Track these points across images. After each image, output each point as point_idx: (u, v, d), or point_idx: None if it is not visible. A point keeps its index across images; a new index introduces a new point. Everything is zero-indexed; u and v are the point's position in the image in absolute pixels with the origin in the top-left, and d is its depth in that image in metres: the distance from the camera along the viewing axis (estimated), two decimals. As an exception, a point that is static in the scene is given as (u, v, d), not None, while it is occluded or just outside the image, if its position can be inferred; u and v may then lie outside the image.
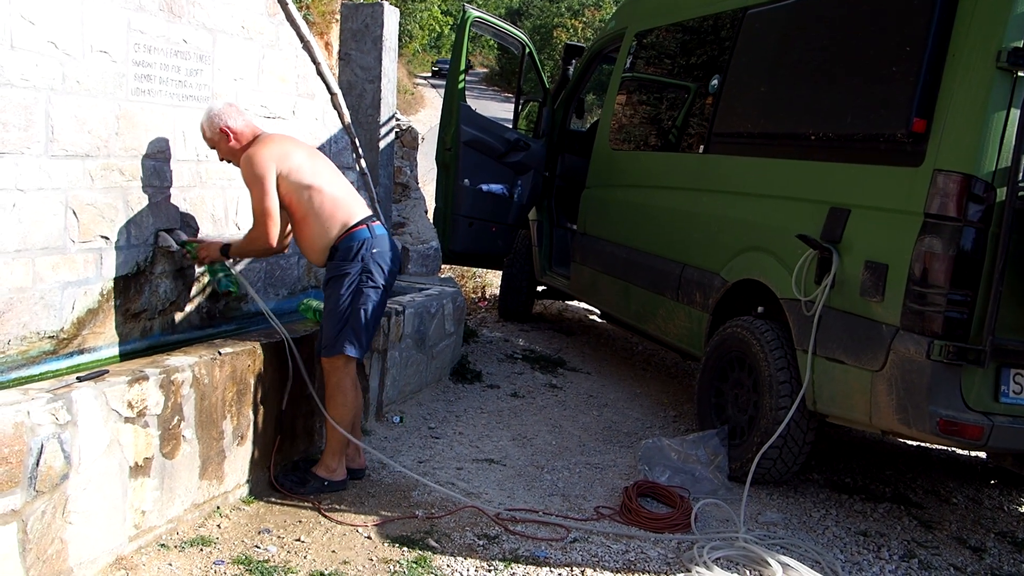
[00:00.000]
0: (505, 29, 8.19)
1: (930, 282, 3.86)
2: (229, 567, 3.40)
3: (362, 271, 4.11)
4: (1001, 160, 3.76)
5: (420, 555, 3.66)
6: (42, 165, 3.54)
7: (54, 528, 2.98)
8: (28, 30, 3.45)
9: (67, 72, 3.63)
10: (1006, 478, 5.42)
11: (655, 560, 3.86)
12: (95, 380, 3.20)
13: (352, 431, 4.24)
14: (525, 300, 8.55)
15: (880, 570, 4.00)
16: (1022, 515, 4.96)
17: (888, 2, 4.34)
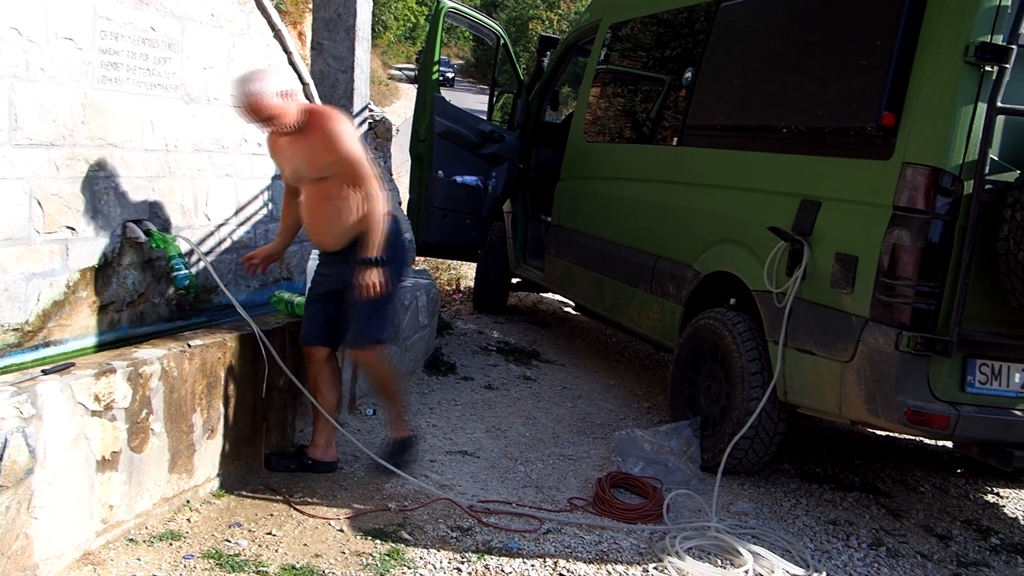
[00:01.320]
0: (479, 20, 8.15)
1: (899, 274, 3.88)
2: (199, 561, 3.37)
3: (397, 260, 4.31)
4: (968, 154, 3.78)
5: (393, 548, 3.64)
6: (5, 154, 3.47)
7: (19, 523, 2.93)
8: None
9: (31, 59, 3.56)
10: (972, 467, 5.47)
11: (628, 550, 3.86)
12: (61, 373, 3.16)
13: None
14: (499, 292, 8.54)
15: (849, 558, 4.03)
16: (987, 503, 5.01)
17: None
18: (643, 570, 3.69)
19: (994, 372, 4.00)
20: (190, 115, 4.51)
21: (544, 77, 8.11)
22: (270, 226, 5.26)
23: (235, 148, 4.91)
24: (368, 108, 7.34)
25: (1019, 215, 3.68)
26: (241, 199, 4.99)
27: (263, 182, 5.18)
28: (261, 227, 5.18)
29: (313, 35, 6.97)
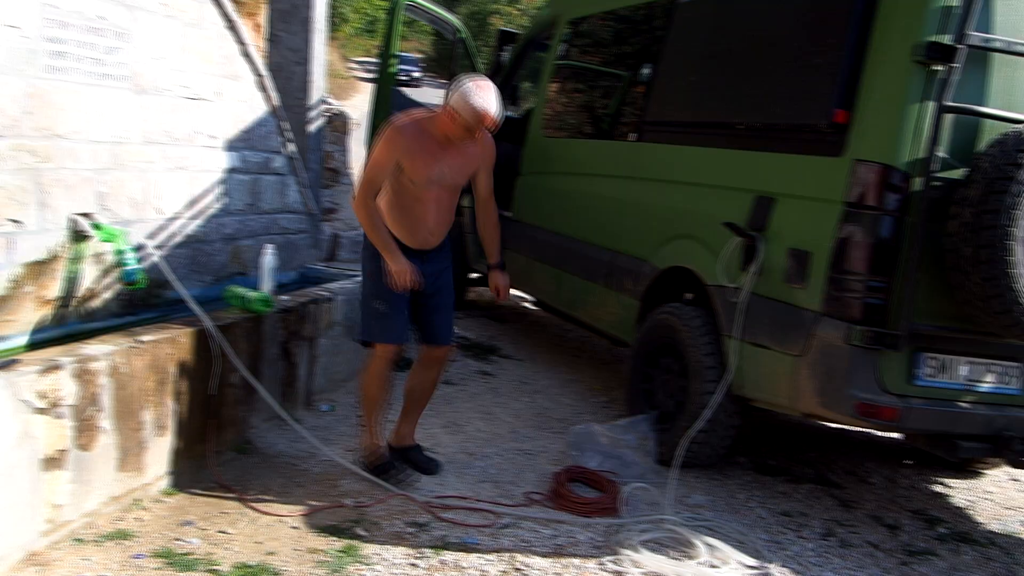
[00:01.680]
0: (438, 14, 8.12)
1: (850, 269, 3.92)
2: (149, 561, 3.32)
3: None
4: (917, 151, 3.82)
5: (348, 544, 3.62)
6: (-51, 147, 3.41)
7: (-38, 523, 2.88)
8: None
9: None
10: (920, 458, 5.56)
11: (584, 544, 3.87)
12: (4, 370, 3.09)
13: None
14: (458, 287, 8.50)
15: (801, 549, 4.07)
16: (935, 493, 5.09)
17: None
18: (599, 563, 3.70)
19: (941, 365, 4.07)
20: (140, 106, 4.45)
21: (503, 72, 8.09)
22: (223, 220, 5.21)
23: (187, 140, 4.85)
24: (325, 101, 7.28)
25: (965, 212, 3.74)
26: (194, 192, 4.94)
27: (216, 175, 5.13)
28: (215, 220, 5.13)
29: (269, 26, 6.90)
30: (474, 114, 3.96)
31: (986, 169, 3.72)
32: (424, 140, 4.08)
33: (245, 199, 5.42)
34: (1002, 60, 3.90)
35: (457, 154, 4.15)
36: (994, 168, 3.69)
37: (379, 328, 4.25)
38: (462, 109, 3.96)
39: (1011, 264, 3.68)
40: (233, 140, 5.23)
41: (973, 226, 3.72)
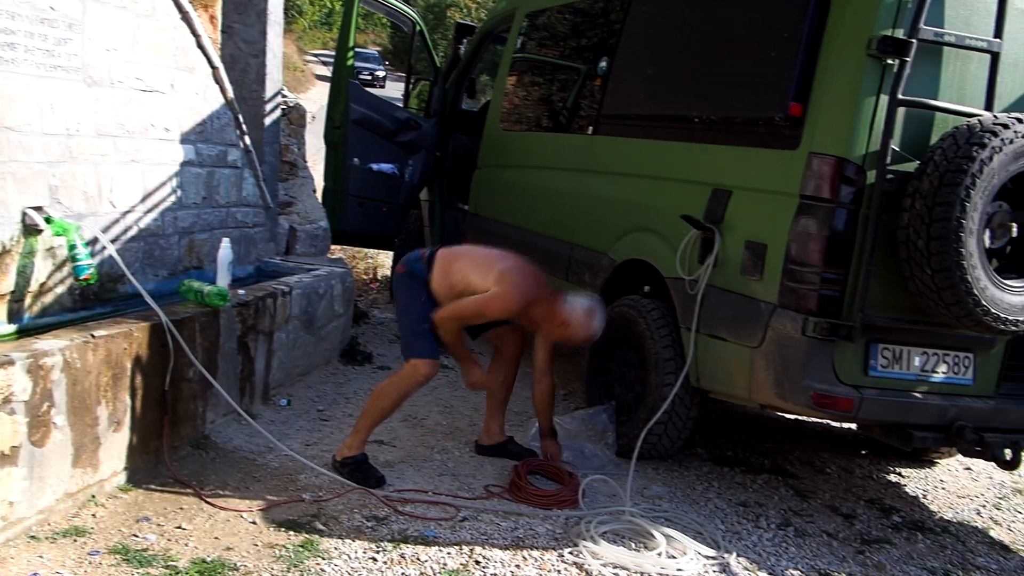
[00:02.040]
0: (395, 7, 8.09)
1: (805, 261, 3.97)
2: (105, 557, 3.28)
3: None
4: (871, 144, 3.88)
5: (307, 539, 3.61)
6: None
7: (-88, 522, 2.83)
8: None
9: (-78, 40, 3.43)
10: (875, 448, 5.65)
11: (543, 536, 3.89)
12: (-44, 366, 3.05)
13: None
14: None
15: (758, 539, 4.13)
16: (890, 483, 5.18)
17: (768, -12, 4.45)
18: (558, 555, 3.72)
19: (895, 356, 4.13)
20: (93, 98, 4.39)
21: (461, 65, 8.08)
22: (178, 213, 5.16)
23: (141, 133, 4.80)
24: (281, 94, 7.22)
25: (918, 204, 3.80)
26: (148, 185, 4.88)
27: (171, 168, 5.07)
28: (170, 214, 5.08)
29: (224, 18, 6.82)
30: (587, 335, 4.32)
31: (938, 162, 3.77)
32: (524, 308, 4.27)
33: (200, 192, 5.36)
34: (953, 54, 3.97)
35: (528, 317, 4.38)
36: (946, 161, 3.75)
37: (428, 346, 4.34)
38: (579, 326, 4.27)
39: (963, 256, 3.74)
40: (188, 133, 5.18)
41: (926, 218, 3.77)
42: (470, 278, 4.28)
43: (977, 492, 5.21)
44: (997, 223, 3.91)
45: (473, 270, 4.31)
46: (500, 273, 4.23)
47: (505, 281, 4.20)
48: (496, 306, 4.21)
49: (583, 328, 4.27)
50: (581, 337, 4.31)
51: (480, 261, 4.37)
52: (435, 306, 4.30)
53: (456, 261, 4.38)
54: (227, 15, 6.75)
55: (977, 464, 5.59)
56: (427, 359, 4.30)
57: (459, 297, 4.27)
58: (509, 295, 4.18)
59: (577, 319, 4.25)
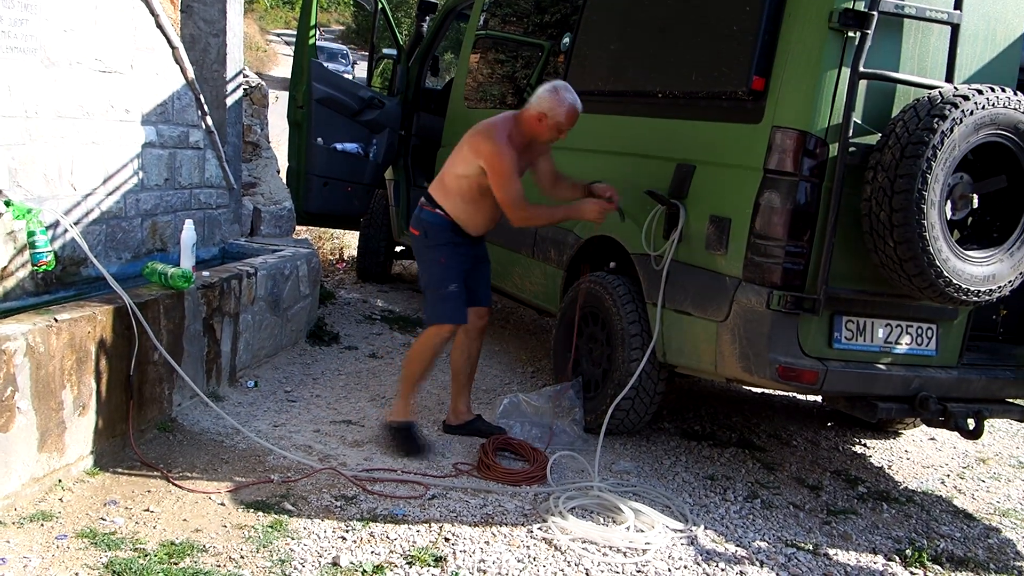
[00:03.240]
0: (357, -16, 8.04)
1: (769, 235, 4.01)
2: (72, 541, 3.28)
3: None
4: (833, 117, 3.92)
5: (276, 519, 3.62)
6: None
7: None
8: None
9: None
10: (841, 420, 5.74)
11: (512, 512, 3.93)
12: (-84, 351, 3.03)
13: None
14: (383, 261, 8.49)
15: (726, 511, 4.19)
16: (855, 454, 5.27)
17: (730, -38, 4.46)
18: (528, 531, 3.76)
19: (859, 328, 4.19)
20: (51, 79, 4.35)
21: (424, 42, 8.05)
22: (141, 195, 5.13)
23: (102, 115, 4.75)
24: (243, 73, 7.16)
25: (880, 177, 3.85)
26: (109, 168, 4.84)
27: (132, 150, 5.03)
28: (132, 196, 5.04)
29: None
30: (569, 112, 4.32)
31: (900, 134, 3.82)
32: (516, 148, 4.36)
33: (163, 174, 5.32)
34: (914, 26, 4.01)
35: (526, 152, 4.44)
36: (908, 133, 3.80)
37: (452, 309, 4.53)
38: (555, 110, 4.30)
39: (925, 227, 3.79)
40: (148, 114, 5.14)
41: (888, 191, 3.82)
42: (460, 171, 4.43)
43: (941, 462, 5.31)
44: (958, 195, 3.97)
45: (457, 166, 4.46)
46: (471, 146, 4.39)
47: (479, 145, 4.35)
48: (502, 163, 4.29)
49: (559, 105, 4.32)
50: (566, 114, 4.33)
51: (454, 157, 4.52)
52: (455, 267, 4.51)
53: (443, 178, 4.54)
54: (186, -7, 6.68)
55: (941, 434, 5.69)
56: (447, 324, 4.52)
57: (479, 195, 4.43)
58: (494, 145, 4.30)
59: (548, 103, 4.33)
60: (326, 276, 8.17)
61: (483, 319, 4.80)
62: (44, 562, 3.12)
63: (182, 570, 3.16)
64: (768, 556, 3.80)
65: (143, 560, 3.19)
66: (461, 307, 4.55)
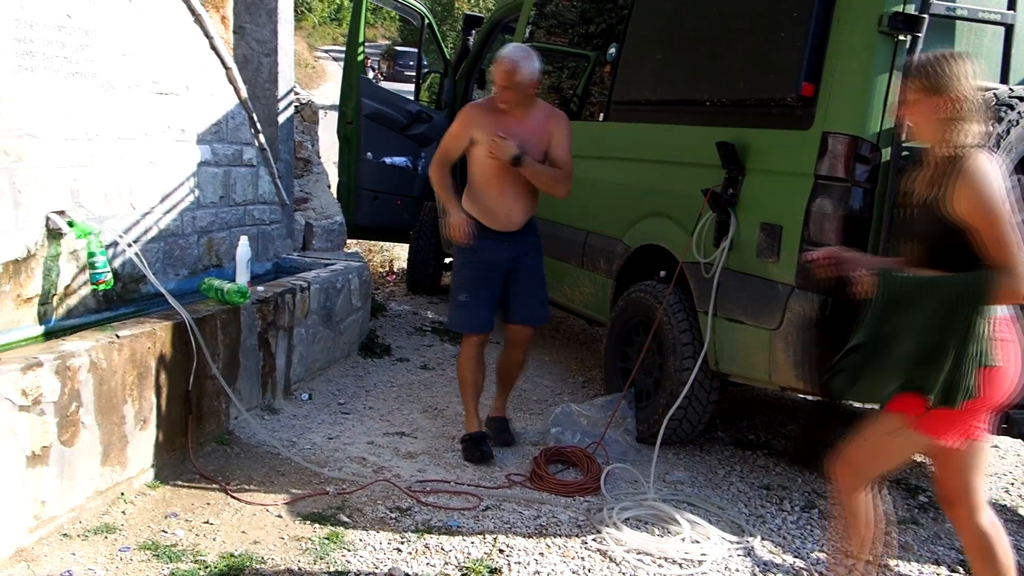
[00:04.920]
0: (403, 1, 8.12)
1: (822, 241, 3.95)
2: (135, 553, 3.34)
3: None
4: (885, 122, 3.87)
5: (332, 531, 3.65)
6: (-82, 147, 3.40)
7: (-52, 522, 2.89)
8: None
9: (-59, 49, 3.49)
10: (899, 428, 5.63)
11: (566, 523, 3.92)
12: (-15, 368, 3.10)
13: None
14: (433, 272, 8.53)
15: (783, 521, 4.14)
16: (915, 463, 5.16)
17: (776, -32, 4.43)
18: (582, 542, 3.75)
19: (913, 334, 4.12)
20: (111, 102, 4.44)
21: (470, 56, 8.09)
22: (197, 213, 5.21)
23: (159, 135, 4.84)
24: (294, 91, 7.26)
25: (934, 181, 3.79)
26: (166, 187, 4.93)
27: (188, 169, 5.12)
28: (188, 214, 5.13)
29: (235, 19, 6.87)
30: (497, 68, 4.36)
31: (953, 138, 3.76)
32: (494, 114, 4.42)
33: (218, 191, 5.41)
34: (967, 28, 3.95)
35: (527, 128, 4.43)
36: (961, 137, 3.74)
37: (463, 318, 4.67)
38: (493, 70, 4.40)
39: (979, 232, 3.74)
40: (204, 133, 5.23)
41: (942, 196, 3.76)
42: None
43: (1005, 470, 5.20)
44: (1016, 198, 3.89)
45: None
46: None
47: None
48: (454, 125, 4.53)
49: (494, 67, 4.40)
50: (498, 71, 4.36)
51: None
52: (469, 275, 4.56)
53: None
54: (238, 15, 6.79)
55: (1004, 442, 5.57)
56: (463, 331, 4.71)
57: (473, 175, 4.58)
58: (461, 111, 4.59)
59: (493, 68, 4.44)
60: (376, 289, 8.23)
61: (517, 334, 4.79)
62: (108, 574, 3.18)
63: (242, 581, 3.21)
64: (827, 568, 3.75)
65: (204, 572, 3.25)
66: (475, 316, 4.59)
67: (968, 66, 2.78)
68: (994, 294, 2.68)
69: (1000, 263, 2.68)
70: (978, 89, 2.80)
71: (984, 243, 2.71)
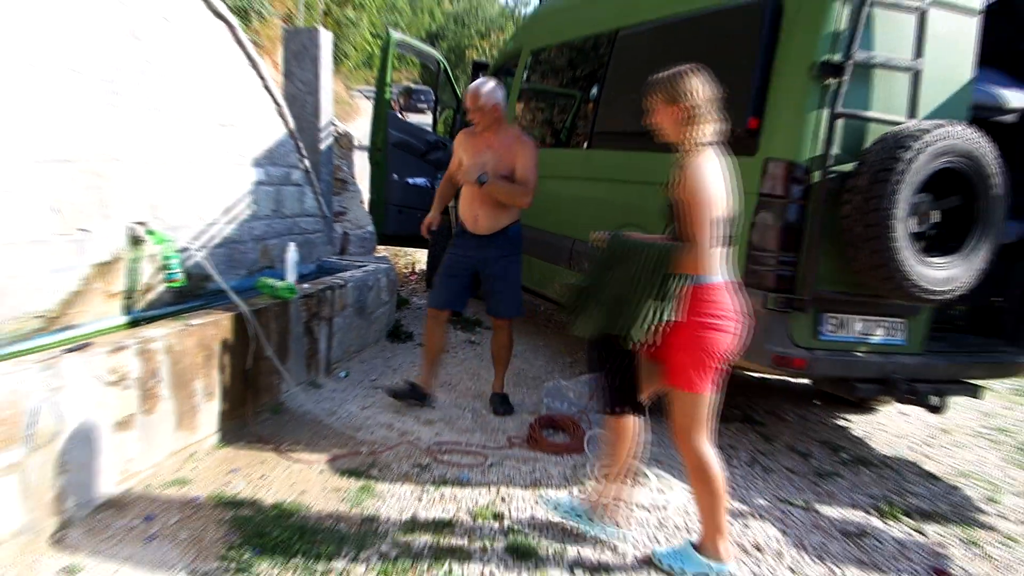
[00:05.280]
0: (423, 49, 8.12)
1: (765, 247, 3.97)
2: (204, 502, 3.36)
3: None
4: (816, 149, 3.87)
5: (365, 483, 3.67)
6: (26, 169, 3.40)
7: (51, 477, 2.90)
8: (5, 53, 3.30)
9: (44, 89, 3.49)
10: (826, 398, 5.66)
11: (556, 477, 3.93)
12: (81, 351, 3.12)
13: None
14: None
15: (731, 474, 4.15)
16: (838, 426, 5.19)
17: (728, 25, 4.42)
18: (569, 492, 3.76)
19: (840, 323, 4.13)
20: (182, 133, 4.45)
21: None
22: (253, 223, 5.22)
23: (222, 159, 4.85)
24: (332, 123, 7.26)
25: (856, 198, 3.80)
26: (227, 202, 4.94)
27: (246, 187, 5.13)
28: (246, 224, 5.13)
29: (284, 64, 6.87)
30: (466, 96, 4.44)
31: (871, 162, 3.77)
32: (474, 137, 4.52)
33: (270, 206, 5.42)
34: (882, 73, 3.95)
35: (496, 148, 4.47)
36: (878, 161, 3.75)
37: (431, 295, 4.74)
38: (469, 98, 4.43)
39: (894, 239, 3.74)
40: (258, 158, 5.23)
41: (862, 209, 3.77)
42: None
43: (910, 432, 5.22)
44: (921, 211, 3.91)
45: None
46: None
47: None
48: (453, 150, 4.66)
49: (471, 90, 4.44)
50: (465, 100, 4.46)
51: None
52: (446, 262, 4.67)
53: None
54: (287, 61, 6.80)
55: (910, 410, 5.59)
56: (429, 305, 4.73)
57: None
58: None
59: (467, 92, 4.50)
60: (401, 286, 8.24)
61: (493, 322, 4.87)
62: (183, 518, 3.20)
63: (291, 525, 3.22)
64: (767, 511, 3.76)
65: (260, 517, 3.26)
66: (437, 295, 4.67)
67: (698, 79, 2.84)
68: (680, 262, 2.75)
69: (691, 239, 2.74)
70: (709, 96, 2.81)
71: (686, 222, 2.77)
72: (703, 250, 2.74)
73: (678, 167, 2.81)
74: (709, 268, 2.79)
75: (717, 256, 2.82)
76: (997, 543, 3.69)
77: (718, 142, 2.88)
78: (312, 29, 6.90)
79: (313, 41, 6.79)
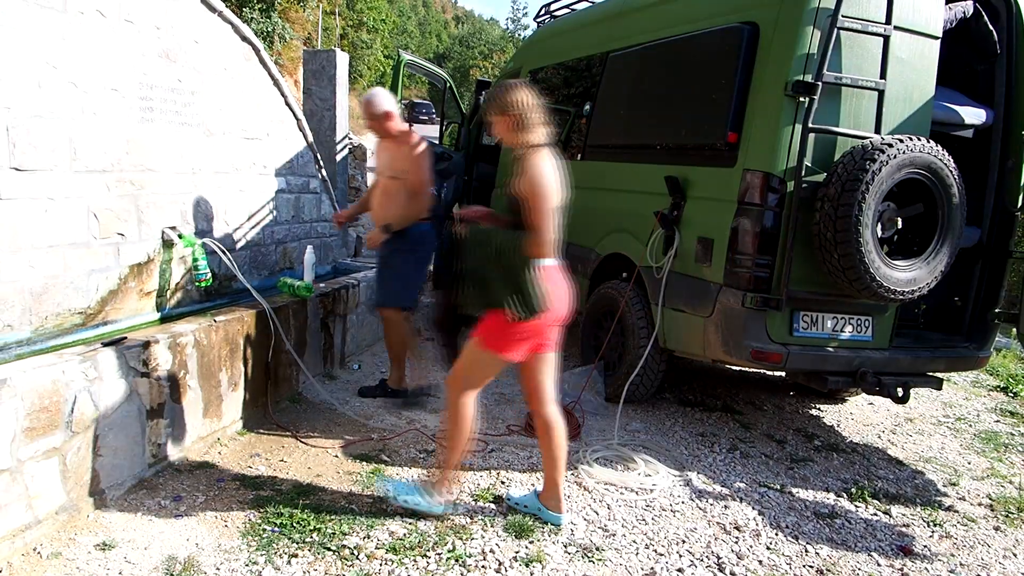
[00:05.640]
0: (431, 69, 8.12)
1: (743, 251, 3.97)
2: (228, 483, 3.37)
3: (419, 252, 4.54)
4: (790, 161, 3.88)
5: (376, 467, 3.67)
6: (68, 179, 3.42)
7: (88, 460, 2.92)
8: (52, 74, 3.31)
9: (85, 106, 3.50)
10: (800, 390, 5.66)
11: (551, 461, 3.93)
12: (116, 345, 3.13)
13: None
14: (453, 273, 8.49)
15: (713, 460, 4.16)
16: (811, 416, 5.19)
17: (709, 48, 4.41)
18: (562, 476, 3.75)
19: (813, 320, 4.14)
20: (210, 145, 4.46)
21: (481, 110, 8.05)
22: (275, 228, 5.23)
23: (246, 170, 4.87)
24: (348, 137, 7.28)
25: (826, 206, 3.81)
26: (251, 209, 4.96)
27: (268, 195, 5.14)
28: (268, 229, 5.15)
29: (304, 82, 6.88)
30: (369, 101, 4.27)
31: (841, 173, 3.78)
32: (382, 143, 4.38)
33: (291, 212, 5.43)
34: (850, 92, 3.95)
35: (392, 151, 4.35)
36: (847, 172, 3.76)
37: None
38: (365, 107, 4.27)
39: (861, 244, 3.75)
40: (280, 168, 5.25)
41: (832, 216, 3.78)
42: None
43: (878, 421, 5.22)
44: (887, 218, 3.92)
45: None
46: None
47: None
48: None
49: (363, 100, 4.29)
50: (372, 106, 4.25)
51: None
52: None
53: None
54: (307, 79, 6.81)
55: (877, 400, 5.59)
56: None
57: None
58: None
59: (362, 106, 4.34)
60: (410, 286, 8.21)
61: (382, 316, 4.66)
62: (209, 498, 3.21)
63: (308, 504, 3.22)
64: (746, 494, 3.77)
65: (280, 497, 3.26)
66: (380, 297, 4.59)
67: (522, 91, 2.93)
68: (525, 247, 2.84)
69: (533, 228, 2.83)
70: (534, 104, 2.93)
71: (528, 213, 2.84)
72: (546, 237, 2.85)
73: (518, 167, 2.87)
74: (550, 252, 2.88)
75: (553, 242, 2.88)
76: (957, 523, 3.70)
77: (549, 144, 2.93)
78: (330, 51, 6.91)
79: (331, 62, 6.80)
